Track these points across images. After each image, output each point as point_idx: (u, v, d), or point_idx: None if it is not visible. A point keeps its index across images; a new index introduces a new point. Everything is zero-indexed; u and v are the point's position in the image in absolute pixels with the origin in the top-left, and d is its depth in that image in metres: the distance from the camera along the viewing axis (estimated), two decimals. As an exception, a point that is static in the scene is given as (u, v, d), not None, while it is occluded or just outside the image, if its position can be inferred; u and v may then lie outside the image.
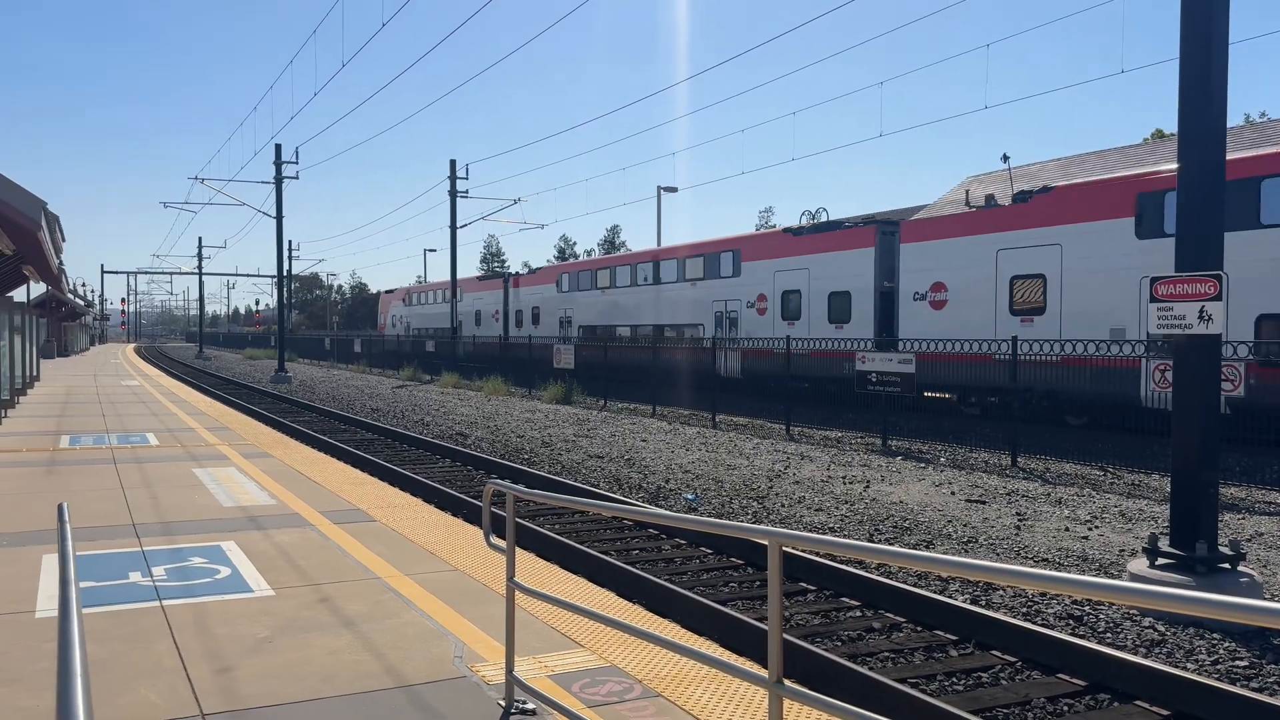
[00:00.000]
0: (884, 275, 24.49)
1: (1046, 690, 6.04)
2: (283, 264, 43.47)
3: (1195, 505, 7.86)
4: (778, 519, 11.39)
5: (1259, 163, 16.60)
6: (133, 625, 5.41)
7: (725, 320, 29.94)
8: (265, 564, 6.86)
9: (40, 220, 10.43)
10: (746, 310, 29.00)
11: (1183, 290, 7.86)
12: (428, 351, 45.23)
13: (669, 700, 4.44)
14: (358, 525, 8.33)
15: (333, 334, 76.82)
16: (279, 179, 41.28)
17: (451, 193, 43.20)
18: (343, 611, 5.73)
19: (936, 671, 6.41)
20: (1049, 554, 9.61)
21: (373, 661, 4.87)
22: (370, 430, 21.71)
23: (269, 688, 4.48)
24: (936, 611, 7.38)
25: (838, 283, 25.57)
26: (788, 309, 27.33)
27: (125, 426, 16.54)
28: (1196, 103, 7.85)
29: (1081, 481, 13.93)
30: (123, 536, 7.75)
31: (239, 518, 8.57)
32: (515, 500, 4.38)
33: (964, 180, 45.57)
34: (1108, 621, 7.36)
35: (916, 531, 10.63)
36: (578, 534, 10.66)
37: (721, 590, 8.49)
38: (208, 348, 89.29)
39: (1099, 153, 40.07)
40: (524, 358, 35.32)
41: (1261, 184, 16.50)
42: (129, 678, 4.59)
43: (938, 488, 13.46)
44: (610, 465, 15.72)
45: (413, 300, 61.86)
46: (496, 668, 4.74)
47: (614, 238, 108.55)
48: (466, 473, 15.55)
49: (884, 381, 18.01)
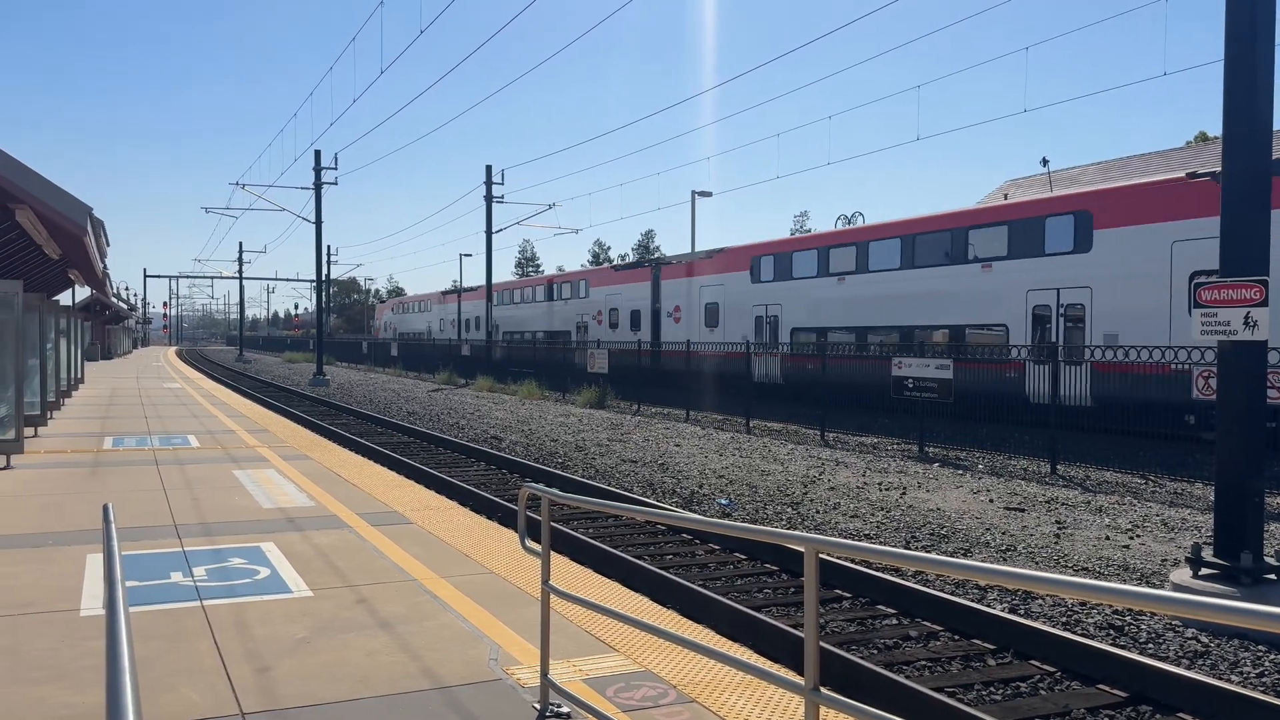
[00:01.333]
0: (655, 299, 35.62)
1: (1087, 701, 5.95)
2: (321, 268, 44.00)
3: (1240, 514, 7.72)
4: (812, 525, 11.33)
5: None
6: (174, 624, 5.49)
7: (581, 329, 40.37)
8: (304, 565, 6.94)
9: (86, 225, 10.65)
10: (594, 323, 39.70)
11: (1227, 296, 7.73)
12: (463, 355, 45.56)
13: (704, 706, 4.43)
14: (395, 527, 8.40)
15: (370, 338, 77.47)
16: (318, 184, 41.79)
17: (487, 198, 43.48)
18: (380, 613, 5.78)
19: (974, 681, 6.34)
20: (1089, 563, 9.48)
21: (409, 663, 4.90)
22: (406, 433, 21.88)
23: (307, 688, 4.53)
24: (974, 620, 7.30)
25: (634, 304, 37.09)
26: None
27: (167, 428, 16.81)
28: (1242, 104, 7.71)
29: (1122, 489, 13.72)
30: (164, 537, 7.87)
31: (278, 519, 8.67)
32: (550, 504, 4.39)
33: (1002, 184, 45.16)
34: (1149, 632, 7.25)
35: (954, 539, 10.53)
36: (611, 538, 10.67)
37: (755, 596, 8.46)
38: (247, 351, 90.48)
39: (1141, 156, 39.57)
40: (558, 361, 35.50)
41: None
42: (170, 676, 4.66)
43: (975, 495, 13.32)
44: (644, 470, 15.72)
45: (399, 310, 77.39)
46: (531, 671, 4.76)
47: (648, 242, 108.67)
48: (501, 476, 15.62)
49: (920, 387, 17.86)
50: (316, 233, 42.14)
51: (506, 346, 44.01)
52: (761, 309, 29.66)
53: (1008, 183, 44.78)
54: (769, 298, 29.35)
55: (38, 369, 15.46)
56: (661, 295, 35.26)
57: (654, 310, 35.57)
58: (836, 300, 26.62)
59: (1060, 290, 20.49)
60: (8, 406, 11.89)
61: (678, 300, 34.22)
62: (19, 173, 9.80)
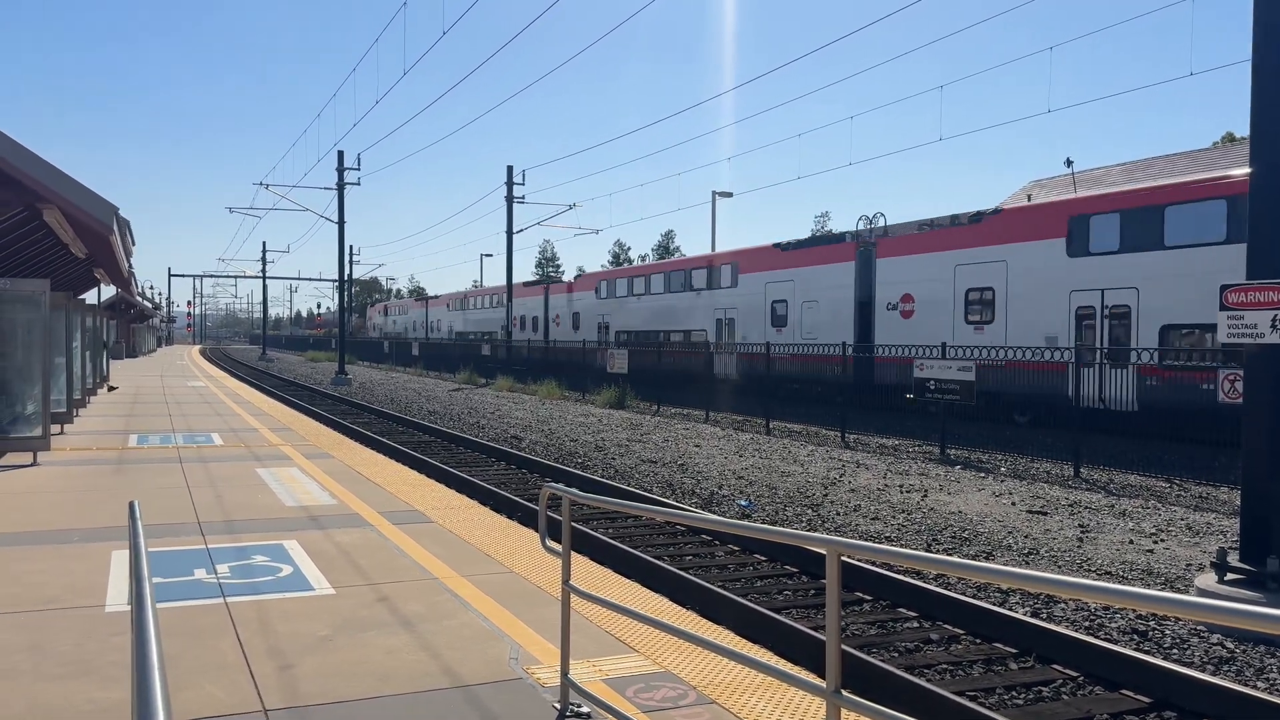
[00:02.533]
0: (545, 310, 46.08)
1: (1109, 706, 5.90)
2: (344, 268, 44.27)
3: (1266, 519, 7.63)
4: (833, 527, 11.29)
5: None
6: (197, 621, 5.54)
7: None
8: (326, 563, 6.98)
9: (112, 225, 10.75)
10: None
11: (1255, 298, 7.64)
12: (483, 355, 45.74)
13: (724, 707, 4.43)
14: (415, 526, 8.44)
15: (391, 337, 78.09)
16: (341, 185, 42.06)
17: (508, 199, 43.60)
18: (400, 611, 5.81)
19: (996, 685, 6.30)
20: (1112, 567, 9.39)
21: (430, 661, 4.93)
22: (427, 432, 21.98)
23: (329, 685, 4.56)
24: (996, 623, 7.25)
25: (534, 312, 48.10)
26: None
27: (191, 426, 16.96)
28: (1271, 103, 7.63)
29: (1147, 493, 13.59)
30: (188, 534, 7.94)
31: (300, 517, 8.73)
32: (570, 504, 4.40)
33: (1026, 184, 44.83)
34: (1173, 637, 7.18)
35: (975, 542, 10.46)
36: (631, 539, 10.67)
37: (776, 598, 8.44)
38: (270, 349, 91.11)
39: (1167, 157, 39.17)
40: (578, 362, 35.56)
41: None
42: (194, 672, 4.70)
43: (997, 498, 13.23)
44: (663, 470, 15.72)
45: (387, 312, 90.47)
46: (551, 670, 4.77)
47: (668, 243, 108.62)
48: (521, 475, 15.67)
49: (942, 389, 17.76)
50: (339, 233, 42.42)
51: (528, 346, 44.25)
52: (600, 317, 42.39)
53: (1031, 183, 44.44)
54: (607, 309, 41.97)
55: (64, 367, 15.64)
56: (550, 306, 48.20)
57: (536, 319, 49.63)
58: (640, 310, 38.97)
59: (728, 309, 32.87)
60: (35, 404, 12.03)
61: (558, 310, 47.07)
62: (47, 172, 9.92)
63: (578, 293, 46.02)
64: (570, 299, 46.36)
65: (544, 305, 49.06)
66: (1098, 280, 20.38)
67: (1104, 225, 20.74)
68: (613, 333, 40.87)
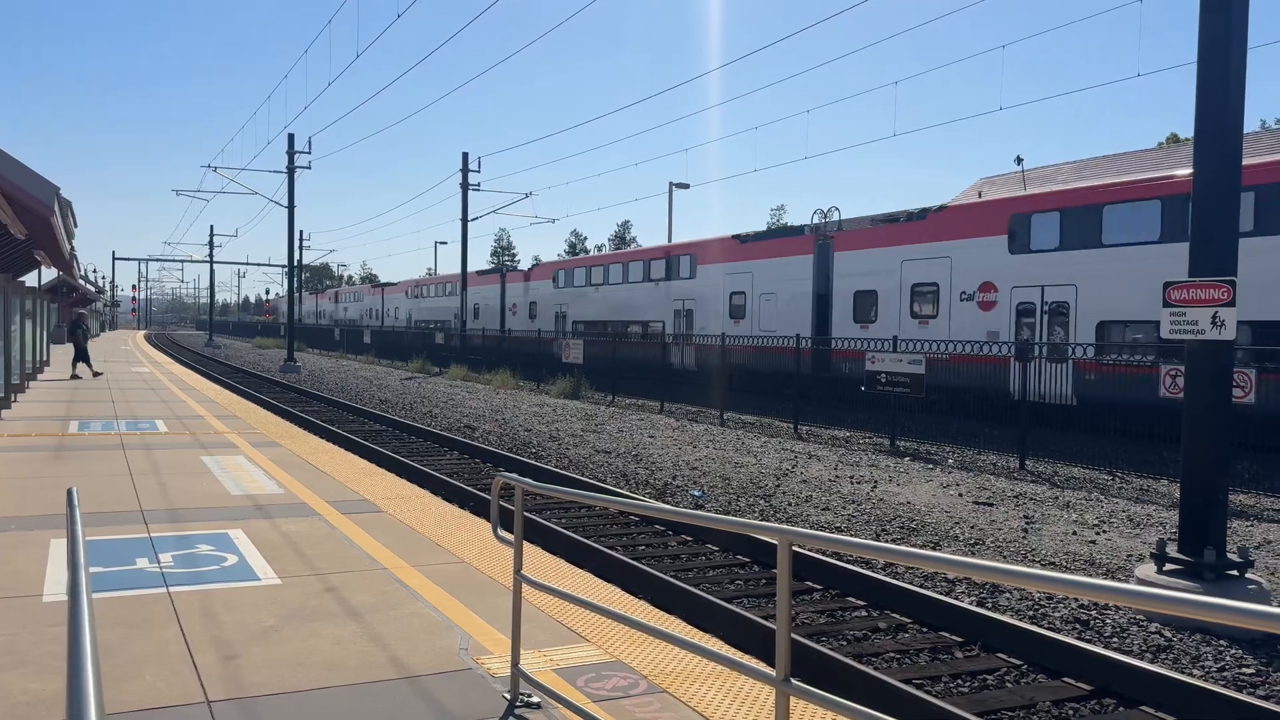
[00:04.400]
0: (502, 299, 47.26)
1: (1052, 694, 6.02)
2: (294, 254, 43.59)
3: (1205, 511, 7.83)
4: (785, 517, 11.38)
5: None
6: (139, 611, 5.43)
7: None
8: (272, 552, 6.88)
9: (54, 205, 10.47)
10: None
11: (1196, 295, 7.82)
12: (437, 344, 45.35)
13: (674, 696, 4.44)
14: (365, 516, 8.35)
15: (342, 324, 77.24)
16: (291, 168, 41.38)
17: (463, 185, 43.22)
18: (349, 601, 5.74)
19: (942, 673, 6.39)
20: (1056, 557, 9.58)
21: (378, 652, 4.88)
22: (379, 421, 21.75)
23: (274, 675, 4.50)
24: (943, 613, 7.36)
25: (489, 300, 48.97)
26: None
27: (134, 413, 16.60)
28: (1214, 107, 7.80)
29: (1090, 485, 13.88)
30: (130, 523, 7.77)
31: (247, 506, 8.59)
32: (524, 493, 4.38)
33: (976, 181, 45.44)
34: (1114, 626, 7.34)
35: (923, 532, 10.61)
36: (584, 529, 10.66)
37: (728, 587, 8.49)
38: (218, 336, 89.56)
39: (1113, 156, 39.95)
40: (533, 352, 35.38)
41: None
42: (135, 663, 4.61)
43: (945, 489, 13.43)
44: (618, 461, 15.72)
45: (335, 299, 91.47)
46: (502, 660, 4.74)
47: (625, 233, 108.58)
48: (474, 465, 15.57)
49: (893, 382, 17.97)
50: (289, 217, 41.74)
51: (483, 335, 43.96)
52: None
53: (982, 180, 45.08)
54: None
55: (2, 351, 15.22)
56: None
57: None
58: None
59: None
60: (-29, 389, 11.69)
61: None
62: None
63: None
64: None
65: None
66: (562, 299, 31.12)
67: (560, 275, 33.96)
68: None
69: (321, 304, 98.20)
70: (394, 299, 72.40)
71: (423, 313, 63.56)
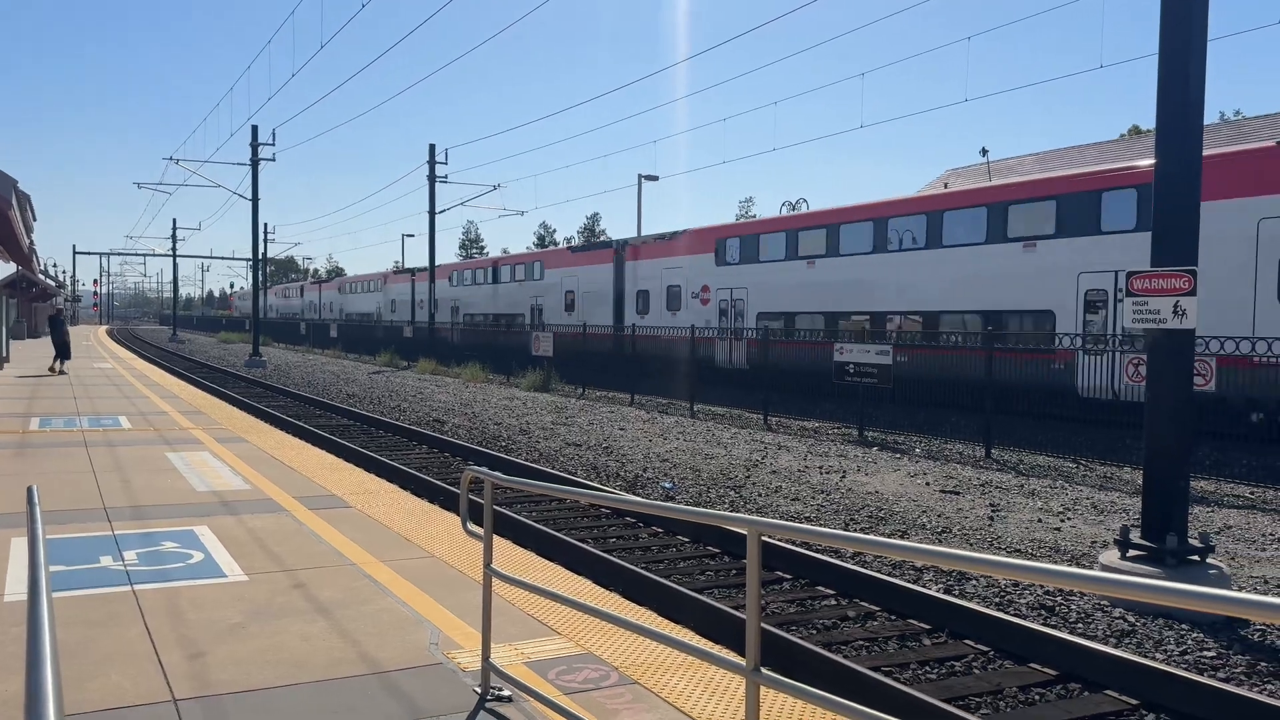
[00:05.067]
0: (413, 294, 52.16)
1: (1018, 679, 6.10)
2: (258, 247, 43.09)
3: (1166, 498, 7.95)
4: (755, 508, 11.43)
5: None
6: (103, 610, 5.35)
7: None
8: (238, 549, 6.81)
9: (11, 199, 10.28)
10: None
11: (1158, 285, 7.93)
12: (405, 338, 45.05)
13: (645, 688, 4.45)
14: (333, 511, 8.28)
15: (308, 318, 76.56)
16: (255, 161, 40.87)
17: (430, 178, 42.91)
18: (317, 597, 5.69)
19: (910, 660, 6.45)
20: (1021, 545, 9.70)
21: (347, 648, 4.84)
22: (346, 416, 21.58)
23: (241, 673, 4.45)
24: (910, 600, 7.43)
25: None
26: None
27: (97, 409, 16.36)
28: (1175, 100, 7.90)
29: (1054, 473, 14.06)
30: (94, 520, 7.66)
31: (212, 502, 8.50)
32: (493, 487, 4.36)
33: (943, 173, 45.81)
34: (1079, 612, 7.44)
35: (891, 521, 10.70)
36: (555, 522, 10.65)
37: (698, 578, 8.51)
38: (181, 330, 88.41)
39: (1077, 148, 40.42)
40: (503, 345, 35.26)
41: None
42: (99, 662, 4.54)
43: (912, 478, 13.55)
44: (588, 453, 15.71)
45: (282, 295, 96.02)
46: (472, 655, 4.73)
47: (594, 225, 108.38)
48: (444, 459, 15.50)
49: (861, 372, 18.09)
50: (253, 210, 41.24)
51: (451, 329, 43.89)
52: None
53: (948, 171, 45.46)
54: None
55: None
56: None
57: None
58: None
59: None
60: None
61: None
62: (-62, 142, 9.43)
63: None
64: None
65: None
66: (454, 296, 46.37)
67: (455, 275, 48.56)
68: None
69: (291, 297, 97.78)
70: (328, 294, 78.68)
71: (353, 305, 69.33)
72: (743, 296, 28.38)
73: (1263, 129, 31.62)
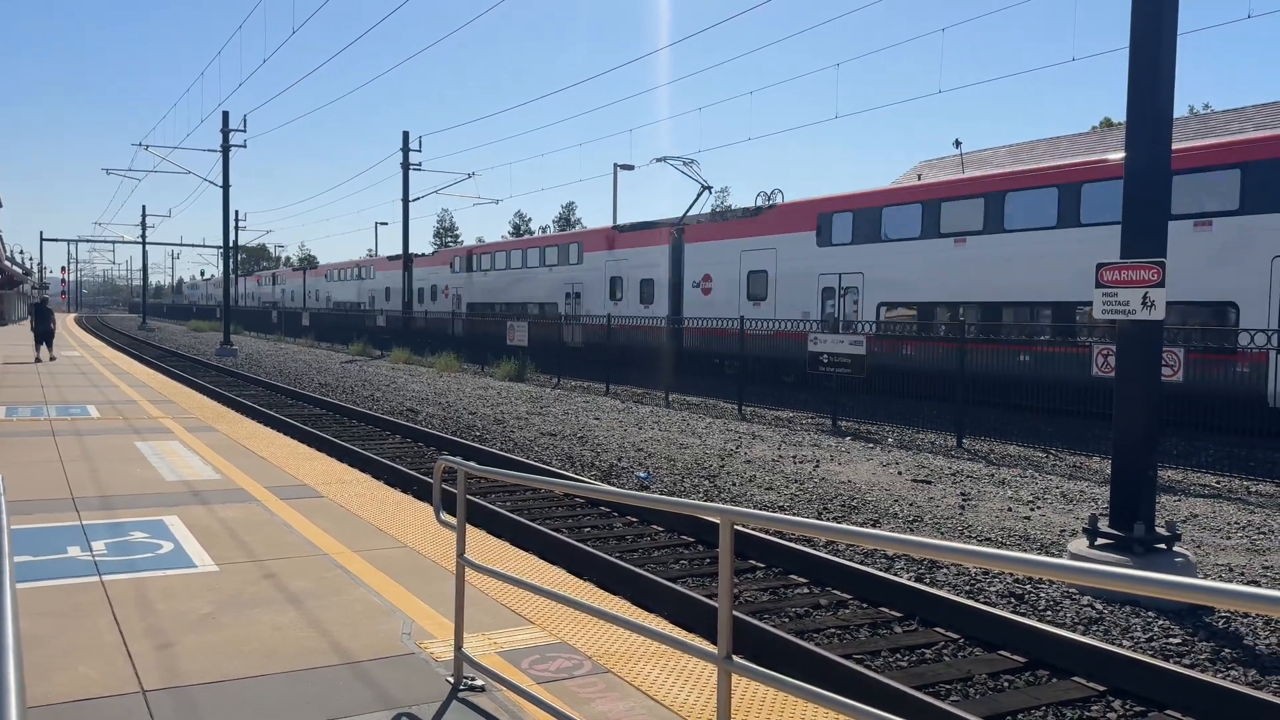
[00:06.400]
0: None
1: (988, 666, 6.17)
2: (229, 234, 42.61)
3: (1134, 487, 8.05)
4: (729, 497, 11.47)
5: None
6: (71, 600, 5.29)
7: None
8: (209, 539, 6.75)
9: (-25, 184, 10.10)
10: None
11: (1127, 276, 8.01)
12: (378, 326, 44.76)
13: (619, 676, 4.46)
14: (305, 501, 8.22)
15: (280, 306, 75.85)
16: (226, 147, 40.40)
17: (404, 165, 42.61)
18: (288, 588, 5.66)
19: (881, 648, 6.51)
20: (992, 533, 9.80)
21: (318, 638, 4.82)
22: (319, 405, 21.43)
23: (211, 663, 4.42)
24: (882, 589, 7.49)
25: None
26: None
27: (65, 398, 16.14)
28: (1145, 94, 7.97)
29: (1025, 463, 14.20)
30: (61, 510, 7.57)
31: (182, 492, 8.42)
32: (466, 476, 4.35)
33: (917, 164, 46.04)
34: (1048, 600, 7.53)
35: (864, 510, 10.77)
36: (529, 511, 10.64)
37: (672, 567, 8.54)
38: (151, 319, 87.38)
39: (1050, 140, 40.73)
40: (477, 334, 35.08)
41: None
42: (66, 653, 4.49)
43: (885, 468, 13.64)
44: (563, 443, 15.70)
45: (270, 281, 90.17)
46: (445, 645, 4.71)
47: (569, 214, 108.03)
48: (417, 449, 15.43)
49: (834, 362, 18.17)
50: (224, 197, 40.77)
51: (425, 318, 43.56)
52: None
53: (922, 163, 45.68)
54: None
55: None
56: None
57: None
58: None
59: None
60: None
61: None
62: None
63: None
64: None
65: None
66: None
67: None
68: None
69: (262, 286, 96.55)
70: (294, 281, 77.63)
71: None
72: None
73: (1231, 122, 32.02)
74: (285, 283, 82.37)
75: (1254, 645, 6.61)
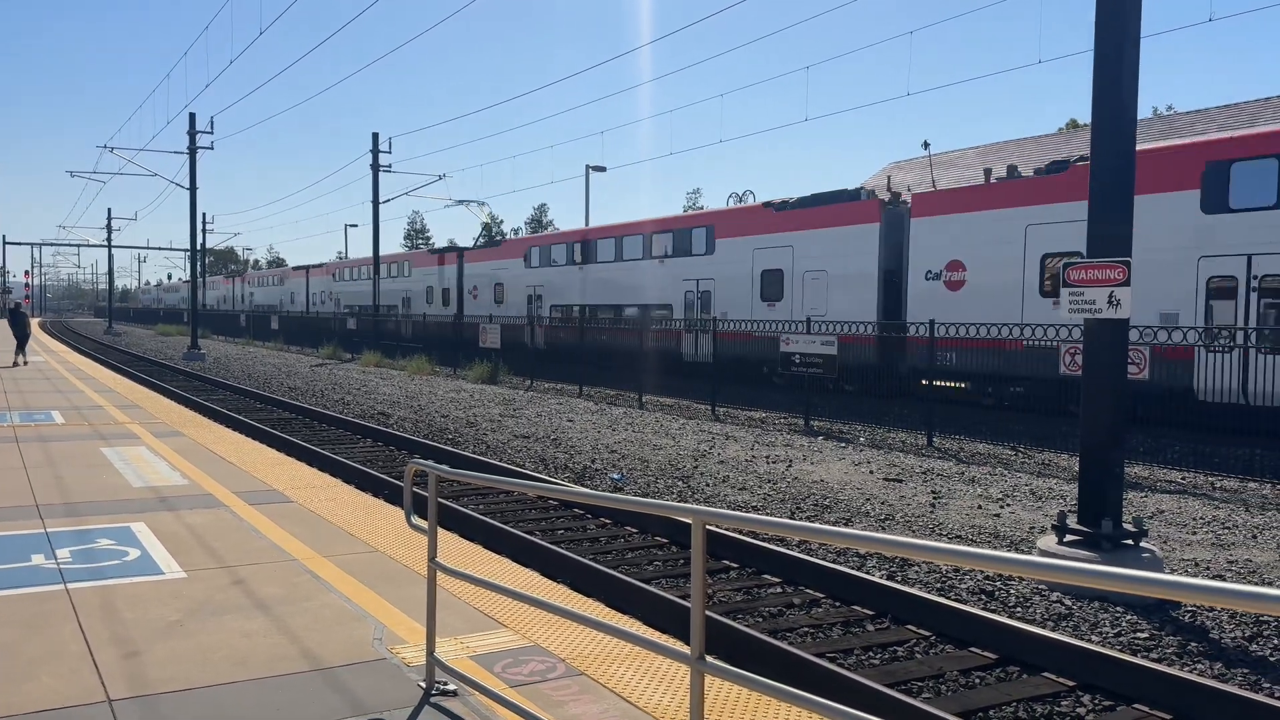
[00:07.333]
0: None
1: (959, 663, 6.21)
2: (196, 237, 42.12)
3: (1102, 484, 8.14)
4: (702, 498, 11.48)
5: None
6: (35, 609, 5.20)
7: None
8: (176, 546, 6.67)
9: (-66, 187, 9.92)
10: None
11: (1093, 276, 8.10)
12: (348, 329, 44.40)
13: (592, 678, 4.44)
14: (274, 506, 8.14)
15: (248, 310, 75.04)
16: (193, 149, 39.94)
17: (374, 167, 42.32)
18: (257, 594, 5.60)
19: (854, 646, 6.54)
20: (962, 531, 9.87)
21: (288, 645, 4.76)
22: (288, 409, 21.23)
23: (179, 671, 4.36)
24: (854, 587, 7.52)
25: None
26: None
27: (29, 404, 15.88)
28: (1110, 95, 8.07)
29: (994, 461, 14.33)
30: (25, 518, 7.44)
31: (149, 498, 8.30)
32: (438, 480, 4.32)
33: (886, 166, 46.34)
34: (1018, 596, 7.60)
35: (836, 509, 10.82)
36: (502, 514, 10.59)
37: (646, 569, 8.53)
38: (117, 323, 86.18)
39: (1016, 141, 41.15)
40: (449, 337, 34.87)
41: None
42: (30, 663, 4.42)
43: (857, 467, 13.71)
44: (536, 445, 15.65)
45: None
46: (417, 649, 4.68)
47: (541, 216, 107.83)
48: (388, 453, 15.33)
49: (806, 363, 18.25)
50: (191, 199, 40.30)
51: (396, 320, 43.17)
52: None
53: (891, 165, 45.98)
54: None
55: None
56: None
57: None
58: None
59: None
60: None
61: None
62: None
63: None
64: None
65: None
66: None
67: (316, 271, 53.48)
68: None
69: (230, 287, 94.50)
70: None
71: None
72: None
73: (1196, 123, 32.49)
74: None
75: (1220, 639, 6.70)
